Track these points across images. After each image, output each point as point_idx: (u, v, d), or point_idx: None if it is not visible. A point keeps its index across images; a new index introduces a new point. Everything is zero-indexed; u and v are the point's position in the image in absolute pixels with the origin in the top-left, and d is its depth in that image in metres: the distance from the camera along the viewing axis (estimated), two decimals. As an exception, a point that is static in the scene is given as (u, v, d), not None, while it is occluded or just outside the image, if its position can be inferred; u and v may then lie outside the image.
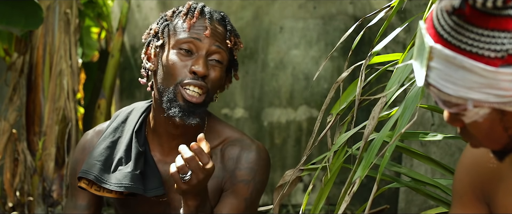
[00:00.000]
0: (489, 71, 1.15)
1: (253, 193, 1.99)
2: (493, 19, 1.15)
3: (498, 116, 1.20)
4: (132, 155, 1.98)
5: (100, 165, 1.97)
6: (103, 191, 1.97)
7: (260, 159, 2.01)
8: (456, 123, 1.26)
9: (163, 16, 2.04)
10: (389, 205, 3.78)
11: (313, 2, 4.38)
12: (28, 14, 3.60)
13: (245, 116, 4.58)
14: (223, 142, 2.04)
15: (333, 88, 1.85)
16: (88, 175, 1.96)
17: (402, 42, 4.04)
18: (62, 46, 3.94)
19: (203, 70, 1.91)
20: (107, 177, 1.96)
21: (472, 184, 1.47)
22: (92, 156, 2.00)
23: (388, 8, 1.85)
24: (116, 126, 2.07)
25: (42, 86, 3.97)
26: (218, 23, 1.99)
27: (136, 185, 1.93)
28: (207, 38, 1.94)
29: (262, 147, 2.04)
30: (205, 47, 1.94)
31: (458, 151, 3.33)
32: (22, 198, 3.99)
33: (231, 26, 2.02)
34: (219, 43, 1.96)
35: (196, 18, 1.96)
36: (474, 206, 1.48)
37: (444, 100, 1.21)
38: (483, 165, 1.44)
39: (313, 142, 1.88)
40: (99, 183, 1.95)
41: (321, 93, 4.36)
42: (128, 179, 1.93)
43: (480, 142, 1.26)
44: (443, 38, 1.18)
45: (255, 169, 1.99)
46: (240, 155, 2.00)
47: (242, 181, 1.98)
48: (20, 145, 3.95)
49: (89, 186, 1.98)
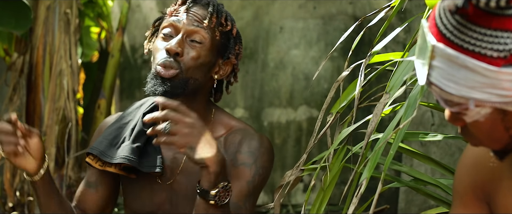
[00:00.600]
0: (492, 71, 1.15)
1: (256, 177, 1.98)
2: (496, 19, 1.15)
3: (499, 116, 1.20)
4: (134, 131, 2.05)
5: (106, 143, 2.04)
6: (105, 165, 2.04)
7: (261, 146, 2.01)
8: (457, 122, 1.25)
9: (163, 12, 2.10)
10: (389, 205, 3.78)
11: (313, 2, 4.38)
12: (18, 15, 3.61)
13: (245, 115, 4.58)
14: (227, 131, 2.05)
15: (333, 88, 1.85)
16: (94, 150, 2.03)
17: (402, 42, 4.04)
18: (62, 46, 3.95)
19: (173, 47, 1.95)
20: (111, 153, 2.02)
21: (472, 184, 1.47)
22: (103, 135, 2.08)
23: (388, 8, 1.85)
24: (131, 110, 2.13)
25: (42, 86, 3.97)
26: (201, 6, 2.03)
27: (130, 157, 1.98)
28: (185, 20, 1.99)
29: (264, 137, 2.05)
30: (183, 28, 1.98)
31: (458, 151, 3.33)
32: (22, 198, 3.99)
33: (214, 8, 2.03)
34: (198, 23, 1.99)
35: (178, 5, 2.03)
36: (475, 206, 1.48)
37: (446, 99, 1.21)
38: (484, 164, 1.44)
39: (313, 141, 1.88)
40: (101, 157, 2.01)
41: (321, 93, 4.36)
42: (125, 151, 2.00)
43: (480, 141, 1.26)
44: (446, 37, 1.18)
45: (256, 154, 1.99)
46: (242, 141, 2.01)
47: (243, 164, 1.98)
48: (20, 145, 3.94)
49: (94, 161, 2.04)
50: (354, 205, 1.63)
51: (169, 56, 1.96)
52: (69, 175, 3.96)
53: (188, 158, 1.80)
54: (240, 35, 2.10)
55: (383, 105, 1.60)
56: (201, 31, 1.99)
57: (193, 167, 1.99)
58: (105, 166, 2.03)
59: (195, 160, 1.78)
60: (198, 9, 2.02)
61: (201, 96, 2.04)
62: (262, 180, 2.00)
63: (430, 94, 3.40)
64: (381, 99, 1.60)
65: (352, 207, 1.64)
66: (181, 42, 1.97)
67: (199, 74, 1.99)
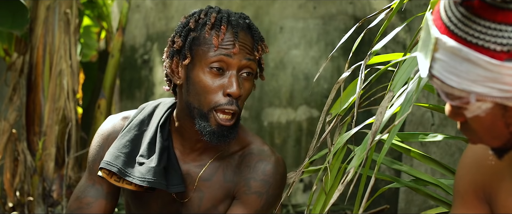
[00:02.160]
0: (494, 65, 1.15)
1: (264, 206, 1.97)
2: (501, 13, 1.15)
3: (500, 111, 1.20)
4: (156, 149, 1.97)
5: (124, 157, 1.96)
6: (123, 182, 1.96)
7: (276, 173, 1.98)
8: (457, 117, 1.25)
9: (185, 26, 1.96)
10: (389, 205, 3.78)
11: (313, 2, 4.38)
12: (15, 14, 3.61)
13: (245, 115, 4.58)
14: (243, 148, 2.01)
15: (334, 90, 1.84)
16: (112, 167, 1.94)
17: (402, 42, 4.03)
18: (62, 46, 3.94)
19: (237, 92, 1.87)
20: (131, 170, 1.95)
21: (473, 184, 1.47)
22: (116, 146, 1.99)
23: (388, 10, 1.85)
24: (142, 118, 2.04)
25: (42, 86, 3.97)
26: (245, 33, 1.92)
27: (159, 180, 1.92)
28: (237, 53, 1.89)
29: (281, 161, 2.00)
30: (236, 64, 1.89)
31: (458, 151, 3.33)
32: (22, 198, 3.99)
33: (257, 34, 1.95)
34: (248, 56, 1.91)
35: (223, 34, 1.90)
36: (476, 206, 1.48)
37: (447, 92, 1.21)
38: (484, 165, 1.44)
39: (315, 144, 1.87)
40: (123, 176, 1.93)
41: (321, 93, 4.36)
42: (151, 173, 1.92)
43: (480, 138, 1.26)
44: (450, 30, 1.18)
45: (270, 183, 1.96)
46: (257, 165, 1.97)
47: (256, 193, 1.96)
48: (20, 145, 3.95)
49: (109, 176, 1.96)
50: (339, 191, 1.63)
51: (233, 100, 1.88)
52: (69, 175, 3.96)
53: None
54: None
55: (387, 103, 1.59)
56: (252, 63, 1.91)
57: (206, 184, 1.98)
58: (124, 183, 1.95)
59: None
60: (244, 36, 1.91)
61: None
62: (270, 208, 1.99)
63: (430, 95, 3.40)
64: (385, 97, 1.59)
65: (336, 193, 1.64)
66: (239, 81, 1.89)
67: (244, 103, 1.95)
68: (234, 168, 1.99)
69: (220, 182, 1.98)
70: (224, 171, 1.99)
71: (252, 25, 1.95)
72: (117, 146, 1.99)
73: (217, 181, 1.99)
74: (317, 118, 4.38)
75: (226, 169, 1.99)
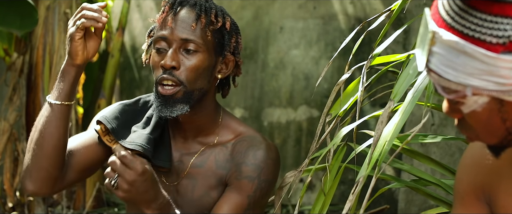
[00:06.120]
0: (490, 57, 1.15)
1: (257, 192, 1.96)
2: (497, 5, 1.15)
3: (496, 106, 1.20)
4: (151, 122, 2.02)
5: (121, 120, 2.02)
6: (114, 143, 1.99)
7: (268, 158, 1.98)
8: (454, 114, 1.25)
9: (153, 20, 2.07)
10: (389, 205, 3.79)
11: (313, 2, 4.39)
12: (23, 15, 3.60)
13: (245, 115, 4.58)
14: (236, 137, 2.03)
15: (334, 92, 1.85)
16: (108, 123, 1.99)
17: (402, 42, 4.04)
18: (62, 46, 3.95)
19: (167, 63, 1.92)
20: (123, 133, 2.00)
21: (473, 185, 1.47)
22: (117, 109, 2.05)
23: (389, 12, 1.85)
24: (148, 99, 2.11)
25: (42, 86, 3.97)
26: (189, 9, 1.96)
27: (147, 147, 1.95)
28: (173, 31, 1.94)
29: (272, 146, 2.01)
30: (174, 40, 1.94)
31: (458, 151, 3.33)
32: (22, 198, 3.99)
33: (201, 8, 1.96)
34: (188, 31, 1.94)
35: (165, 13, 1.98)
36: (475, 207, 1.48)
37: (444, 86, 1.21)
38: (484, 165, 1.44)
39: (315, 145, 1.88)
40: (113, 134, 1.98)
41: (321, 93, 4.37)
42: (142, 139, 1.96)
43: (477, 134, 1.26)
44: (447, 23, 1.18)
45: (261, 167, 1.97)
46: (248, 150, 1.98)
47: (247, 177, 1.96)
48: (20, 145, 3.95)
49: (103, 134, 2.01)
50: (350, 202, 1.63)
51: (165, 72, 1.93)
52: (69, 175, 3.95)
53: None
54: (236, 26, 2.03)
55: (387, 113, 1.60)
56: (193, 38, 1.93)
57: (198, 171, 1.99)
58: (113, 143, 1.99)
59: (120, 197, 1.84)
60: (186, 13, 1.95)
61: (208, 102, 2.01)
62: (263, 194, 1.98)
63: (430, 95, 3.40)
64: (386, 107, 1.60)
65: (348, 204, 1.63)
66: (175, 55, 1.93)
67: (202, 82, 1.96)
68: (227, 155, 2.01)
69: (212, 168, 2.00)
70: (216, 158, 2.01)
71: (199, 2, 1.97)
72: (118, 109, 2.05)
73: (209, 168, 2.00)
74: (317, 117, 4.38)
75: (218, 156, 2.01)
